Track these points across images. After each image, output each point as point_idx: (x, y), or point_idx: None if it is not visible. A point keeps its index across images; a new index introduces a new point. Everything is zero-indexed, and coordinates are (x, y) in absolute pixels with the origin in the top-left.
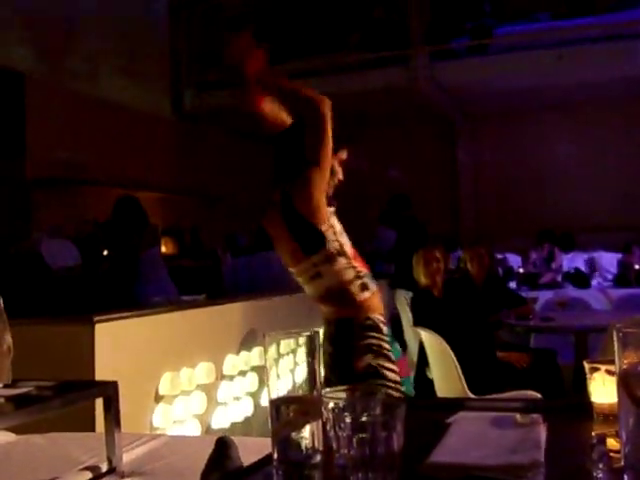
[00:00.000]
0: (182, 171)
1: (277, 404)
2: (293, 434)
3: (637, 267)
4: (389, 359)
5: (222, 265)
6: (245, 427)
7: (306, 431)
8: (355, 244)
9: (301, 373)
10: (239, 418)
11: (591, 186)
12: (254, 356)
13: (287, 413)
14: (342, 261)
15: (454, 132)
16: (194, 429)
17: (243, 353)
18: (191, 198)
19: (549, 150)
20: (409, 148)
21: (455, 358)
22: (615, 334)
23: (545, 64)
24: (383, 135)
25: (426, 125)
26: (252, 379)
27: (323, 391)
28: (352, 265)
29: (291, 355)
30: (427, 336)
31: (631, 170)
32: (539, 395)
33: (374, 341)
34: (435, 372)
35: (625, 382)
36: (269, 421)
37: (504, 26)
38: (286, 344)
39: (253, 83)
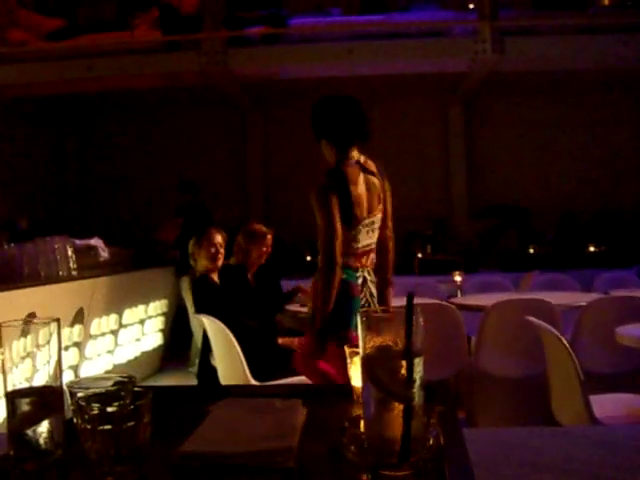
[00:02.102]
0: None
1: (13, 397)
2: (31, 429)
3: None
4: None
5: None
6: None
7: (45, 425)
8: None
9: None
10: None
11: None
12: (30, 343)
13: (24, 406)
14: None
15: (246, 120)
16: None
17: (21, 340)
18: None
19: None
20: (200, 134)
21: (237, 345)
22: (359, 318)
23: (336, 57)
24: (176, 120)
25: (218, 112)
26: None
27: (69, 381)
28: None
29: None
30: (209, 323)
31: (423, 166)
32: None
33: None
34: (218, 360)
35: (367, 364)
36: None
37: (297, 17)
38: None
39: None
